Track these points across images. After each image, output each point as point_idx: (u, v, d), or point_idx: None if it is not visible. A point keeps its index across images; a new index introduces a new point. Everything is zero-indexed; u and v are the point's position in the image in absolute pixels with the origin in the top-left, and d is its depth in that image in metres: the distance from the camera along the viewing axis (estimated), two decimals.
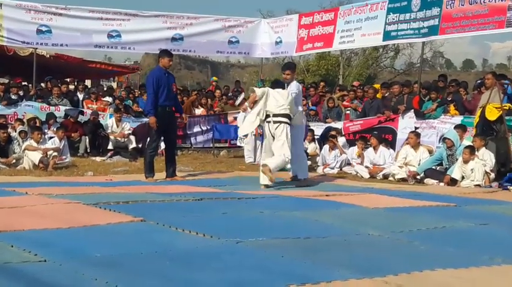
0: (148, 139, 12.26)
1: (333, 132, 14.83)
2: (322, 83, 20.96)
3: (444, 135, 12.90)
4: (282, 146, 10.83)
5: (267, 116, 11.00)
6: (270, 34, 20.54)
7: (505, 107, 12.26)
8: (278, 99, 10.98)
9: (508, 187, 11.13)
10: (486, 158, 11.70)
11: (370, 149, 13.91)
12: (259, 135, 16.09)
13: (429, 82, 15.94)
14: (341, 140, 14.78)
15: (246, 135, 16.40)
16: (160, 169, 12.14)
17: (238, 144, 17.42)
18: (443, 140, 12.70)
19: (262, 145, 15.65)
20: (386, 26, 16.28)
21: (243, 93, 21.82)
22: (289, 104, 10.99)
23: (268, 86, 12.64)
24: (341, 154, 14.22)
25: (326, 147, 14.56)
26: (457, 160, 12.01)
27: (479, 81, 14.36)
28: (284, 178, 11.81)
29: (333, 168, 14.10)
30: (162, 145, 13.65)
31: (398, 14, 15.91)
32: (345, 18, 17.82)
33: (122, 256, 5.17)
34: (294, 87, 11.49)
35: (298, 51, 20.26)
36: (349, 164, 14.17)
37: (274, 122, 10.87)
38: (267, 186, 10.60)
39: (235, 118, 17.75)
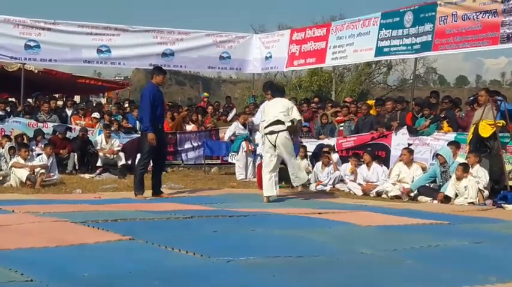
0: (139, 156, 12.15)
1: (326, 149, 14.73)
2: (316, 99, 20.90)
3: (437, 151, 12.82)
4: (294, 159, 11.59)
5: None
6: (261, 49, 20.50)
7: (498, 124, 12.21)
8: (273, 111, 11.32)
9: (502, 204, 11.06)
10: (480, 175, 11.63)
11: (363, 166, 13.82)
12: (251, 152, 16.00)
13: (422, 99, 15.89)
14: (334, 157, 14.67)
15: (237, 152, 16.30)
16: (149, 186, 12.02)
17: (230, 161, 17.26)
18: (436, 156, 12.63)
19: (254, 161, 15.66)
20: (379, 41, 16.26)
21: (235, 109, 21.74)
22: (284, 113, 11.31)
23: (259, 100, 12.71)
24: (335, 171, 14.09)
25: (319, 164, 14.45)
26: (450, 177, 11.93)
27: (472, 98, 14.31)
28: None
29: (325, 185, 13.97)
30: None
31: (390, 30, 15.90)
32: (337, 34, 17.81)
33: (110, 275, 5.08)
34: None
35: (289, 66, 20.26)
36: (342, 181, 14.06)
37: (272, 132, 11.17)
38: (268, 199, 11.06)
39: None
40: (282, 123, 11.23)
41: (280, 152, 11.28)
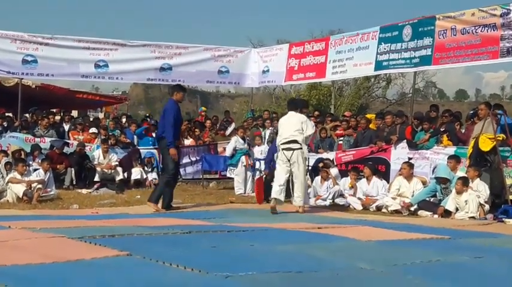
0: (164, 168, 12.66)
1: (321, 164, 14.64)
2: (316, 113, 20.84)
3: (436, 174, 12.68)
4: (302, 175, 12.08)
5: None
6: (259, 63, 20.51)
7: (498, 138, 12.15)
8: (288, 127, 12.03)
9: (503, 219, 10.98)
10: (481, 189, 11.57)
11: (363, 180, 13.75)
12: (250, 167, 15.96)
13: (421, 113, 15.84)
14: (333, 171, 14.60)
15: (235, 166, 16.24)
16: (146, 201, 12.04)
17: (228, 175, 17.20)
18: (436, 180, 12.46)
19: (253, 176, 15.62)
20: (378, 55, 16.26)
21: (233, 123, 21.68)
22: (299, 130, 11.97)
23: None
24: (334, 185, 14.01)
25: (318, 178, 14.39)
26: (451, 191, 11.85)
27: (472, 112, 14.28)
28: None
29: (325, 199, 13.87)
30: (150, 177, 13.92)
31: (389, 44, 15.91)
32: (336, 48, 17.81)
33: None
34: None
35: (288, 80, 20.24)
36: (341, 195, 13.96)
37: (288, 149, 11.89)
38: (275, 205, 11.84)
39: (225, 149, 17.55)
40: (298, 142, 11.90)
41: (294, 168, 11.93)
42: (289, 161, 11.90)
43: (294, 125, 11.99)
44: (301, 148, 11.95)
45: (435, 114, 15.54)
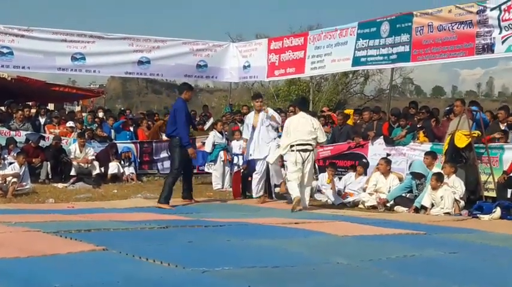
0: (171, 166, 12.53)
1: None
2: (291, 108, 20.77)
3: (411, 170, 12.72)
4: (311, 175, 12.20)
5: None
6: (238, 58, 20.46)
7: (473, 135, 12.23)
8: (303, 128, 11.83)
9: (478, 215, 11.05)
10: (456, 185, 11.64)
11: (351, 174, 13.83)
12: (228, 162, 15.94)
13: (398, 109, 15.92)
14: None
15: (215, 162, 16.21)
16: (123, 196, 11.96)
17: (206, 170, 17.17)
18: (412, 175, 12.49)
19: (231, 171, 15.58)
20: (356, 51, 16.28)
21: (212, 117, 21.64)
22: (313, 136, 11.89)
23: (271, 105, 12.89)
24: None
25: None
26: (425, 187, 11.92)
27: (448, 108, 14.37)
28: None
29: None
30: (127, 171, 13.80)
31: (367, 40, 15.93)
32: (315, 44, 17.80)
33: (83, 286, 4.99)
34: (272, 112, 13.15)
35: (270, 76, 20.18)
36: (319, 191, 13.98)
37: (305, 150, 11.76)
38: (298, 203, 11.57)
39: (204, 143, 17.50)
40: (312, 145, 11.90)
41: (306, 170, 11.82)
42: (304, 162, 11.77)
43: (309, 130, 11.85)
44: (313, 150, 11.95)
45: (414, 111, 15.62)
